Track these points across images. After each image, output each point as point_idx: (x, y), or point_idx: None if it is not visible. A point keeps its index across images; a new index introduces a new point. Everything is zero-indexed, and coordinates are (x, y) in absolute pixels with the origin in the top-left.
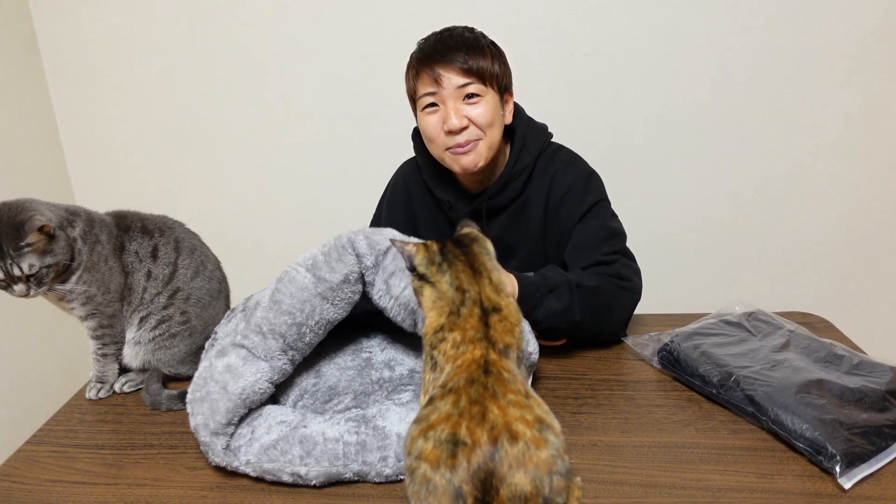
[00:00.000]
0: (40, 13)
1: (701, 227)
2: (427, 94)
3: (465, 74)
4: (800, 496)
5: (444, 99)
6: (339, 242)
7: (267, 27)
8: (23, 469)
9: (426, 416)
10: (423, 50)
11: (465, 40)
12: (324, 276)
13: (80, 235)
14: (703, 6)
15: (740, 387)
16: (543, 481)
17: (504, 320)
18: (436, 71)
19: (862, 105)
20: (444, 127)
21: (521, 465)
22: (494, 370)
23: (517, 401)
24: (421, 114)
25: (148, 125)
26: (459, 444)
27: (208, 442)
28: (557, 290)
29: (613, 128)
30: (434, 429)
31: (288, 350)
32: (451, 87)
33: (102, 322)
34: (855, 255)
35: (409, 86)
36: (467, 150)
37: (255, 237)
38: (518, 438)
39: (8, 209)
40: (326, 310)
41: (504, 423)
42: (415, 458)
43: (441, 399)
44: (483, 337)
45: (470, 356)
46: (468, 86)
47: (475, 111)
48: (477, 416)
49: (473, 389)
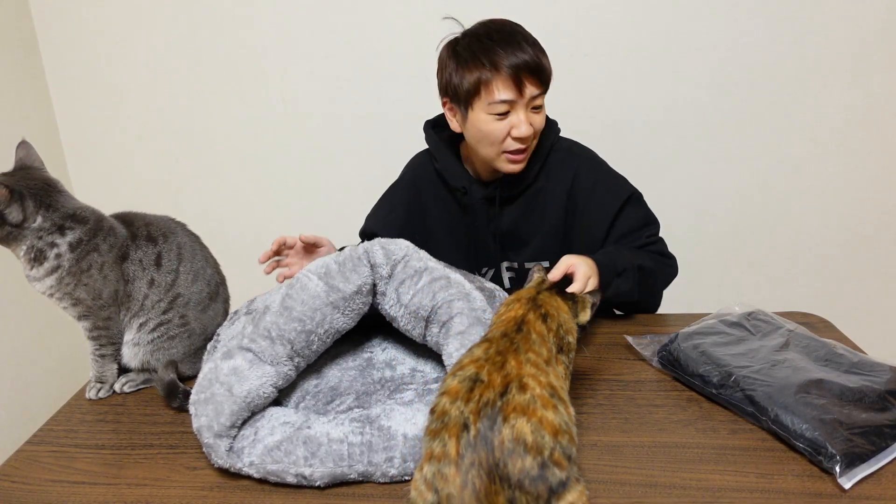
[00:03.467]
0: (40, 13)
1: (701, 227)
2: (505, 101)
3: (542, 86)
4: (800, 496)
5: (517, 108)
6: (355, 253)
7: (267, 27)
8: (23, 469)
9: (461, 359)
10: (506, 52)
11: (539, 48)
12: (337, 285)
13: (70, 243)
14: (703, 6)
15: (740, 387)
16: (546, 441)
17: (553, 297)
18: (522, 81)
19: (862, 105)
20: (512, 133)
21: (525, 413)
22: (525, 329)
23: (535, 361)
24: (487, 116)
25: (148, 125)
26: (478, 381)
27: (212, 444)
28: (625, 274)
29: (613, 128)
30: (463, 368)
31: (294, 357)
32: (528, 97)
33: (97, 324)
34: (855, 255)
35: (473, 78)
36: (524, 157)
37: (254, 237)
38: (526, 390)
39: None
40: (336, 319)
41: (517, 375)
42: (440, 395)
43: (478, 346)
44: (530, 299)
45: (513, 314)
46: (539, 97)
47: (538, 119)
48: (498, 364)
49: (503, 342)
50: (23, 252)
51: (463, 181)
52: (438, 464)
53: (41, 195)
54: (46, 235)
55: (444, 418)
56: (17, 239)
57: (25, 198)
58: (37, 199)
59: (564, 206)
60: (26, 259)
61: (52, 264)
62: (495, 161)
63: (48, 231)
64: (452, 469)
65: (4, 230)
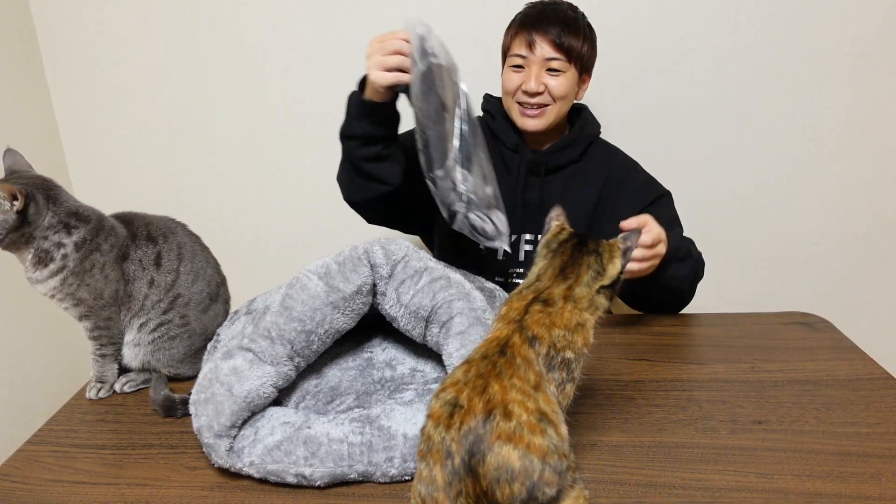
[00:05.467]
0: (40, 13)
1: (700, 226)
2: (518, 55)
3: (556, 49)
4: (800, 496)
5: (530, 64)
6: (355, 253)
7: (267, 27)
8: (23, 469)
9: (444, 380)
10: (527, 15)
11: (566, 17)
12: (337, 285)
13: (76, 242)
14: (703, 6)
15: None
16: (535, 465)
17: (545, 313)
18: (532, 37)
19: (862, 105)
20: (522, 86)
21: (511, 440)
22: (509, 353)
23: (521, 387)
24: (507, 69)
25: (148, 125)
26: (457, 406)
27: (212, 444)
28: (687, 260)
29: (613, 127)
30: (444, 391)
31: (294, 357)
32: (539, 56)
33: (98, 323)
34: (855, 255)
35: (505, 41)
36: (535, 114)
37: (255, 237)
38: (511, 417)
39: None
40: (336, 319)
41: (501, 401)
42: (426, 416)
43: (458, 367)
44: (518, 320)
45: (498, 333)
46: (554, 60)
47: (553, 82)
48: (479, 388)
49: (483, 364)
50: (30, 255)
51: (516, 140)
52: (429, 487)
53: (45, 190)
54: (53, 235)
55: (429, 443)
56: (28, 241)
57: (36, 195)
58: (44, 195)
59: (599, 193)
60: (32, 262)
61: (58, 265)
62: (512, 112)
63: (55, 230)
64: (441, 495)
65: (19, 233)
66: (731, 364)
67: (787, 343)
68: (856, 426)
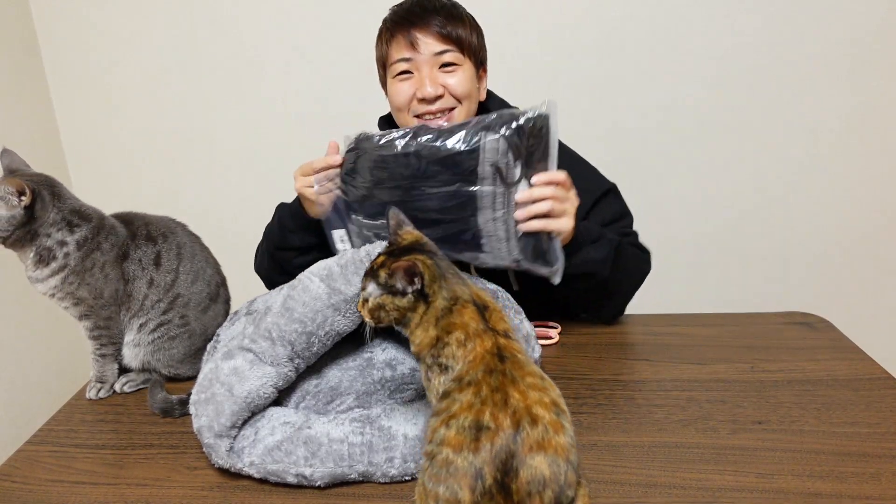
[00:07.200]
0: (40, 13)
1: (700, 227)
2: (401, 59)
3: (444, 41)
4: (800, 496)
5: (418, 66)
6: (357, 256)
7: (267, 27)
8: (23, 469)
9: (446, 408)
10: (397, 13)
11: (443, 6)
12: (339, 287)
13: (78, 241)
14: (703, 6)
15: None
16: (561, 468)
17: (495, 311)
18: (412, 35)
19: (862, 105)
20: (417, 94)
21: (541, 448)
22: (508, 354)
23: (535, 383)
24: (391, 80)
25: (148, 125)
26: (483, 428)
27: (212, 444)
28: (600, 242)
29: (613, 128)
30: (456, 418)
31: (295, 358)
32: (427, 53)
33: (98, 323)
34: (855, 255)
35: (379, 52)
36: (441, 119)
37: (255, 238)
38: (538, 422)
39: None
40: (338, 321)
41: (525, 407)
42: (436, 445)
43: (460, 392)
44: (487, 328)
45: (481, 349)
46: (446, 53)
47: (452, 80)
48: (500, 402)
49: (493, 378)
50: (32, 253)
51: None
52: None
53: (49, 187)
54: (56, 232)
55: (449, 468)
56: (32, 239)
57: (42, 191)
58: (49, 191)
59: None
60: (34, 260)
61: (59, 263)
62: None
63: (58, 227)
64: None
65: (25, 229)
66: (731, 364)
67: (787, 343)
68: (856, 426)
